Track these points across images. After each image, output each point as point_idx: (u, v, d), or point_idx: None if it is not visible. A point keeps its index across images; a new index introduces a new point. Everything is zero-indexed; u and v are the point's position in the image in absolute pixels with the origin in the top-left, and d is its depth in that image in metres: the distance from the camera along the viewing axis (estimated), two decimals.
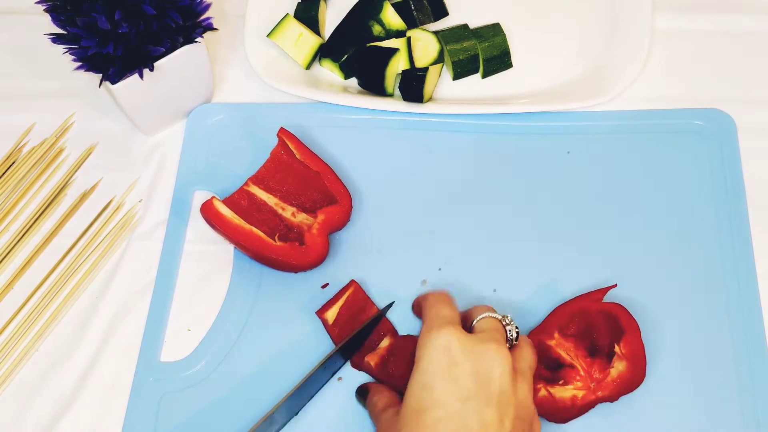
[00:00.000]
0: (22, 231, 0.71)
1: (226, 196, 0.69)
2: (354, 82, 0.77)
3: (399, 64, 0.74)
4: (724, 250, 0.66)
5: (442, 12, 0.78)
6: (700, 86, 0.75)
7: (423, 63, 0.75)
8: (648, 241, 0.67)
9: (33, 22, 0.78)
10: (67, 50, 0.65)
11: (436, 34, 0.75)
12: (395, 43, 0.74)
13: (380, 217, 0.70)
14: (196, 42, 0.68)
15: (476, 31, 0.76)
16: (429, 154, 0.72)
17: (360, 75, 0.75)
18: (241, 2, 0.78)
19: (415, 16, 0.76)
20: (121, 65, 0.65)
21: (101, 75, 0.66)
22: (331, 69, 0.77)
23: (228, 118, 0.75)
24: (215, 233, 0.68)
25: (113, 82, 0.66)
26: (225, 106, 0.76)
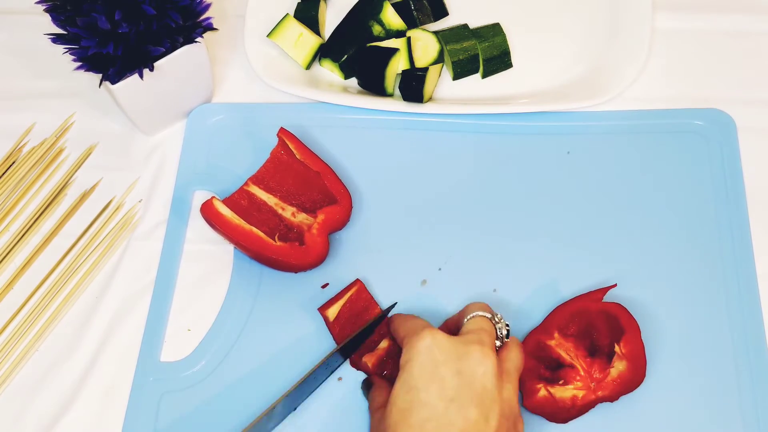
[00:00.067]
0: (22, 231, 0.71)
1: (226, 196, 0.69)
2: (354, 82, 0.77)
3: (399, 64, 0.74)
4: (724, 250, 0.66)
5: (442, 12, 0.78)
6: (700, 86, 0.75)
7: (423, 63, 0.75)
8: (648, 240, 0.67)
9: (33, 22, 0.78)
10: (67, 50, 0.65)
11: (436, 34, 0.75)
12: (395, 43, 0.74)
13: (380, 217, 0.70)
14: (196, 42, 0.68)
15: (476, 31, 0.76)
16: (429, 154, 0.72)
17: (360, 75, 0.75)
18: (241, 2, 0.78)
19: (415, 16, 0.76)
20: (121, 65, 0.65)
21: (101, 75, 0.66)
22: (331, 69, 0.77)
23: (228, 118, 0.75)
24: (215, 233, 0.68)
25: (113, 82, 0.66)
26: (225, 106, 0.76)
